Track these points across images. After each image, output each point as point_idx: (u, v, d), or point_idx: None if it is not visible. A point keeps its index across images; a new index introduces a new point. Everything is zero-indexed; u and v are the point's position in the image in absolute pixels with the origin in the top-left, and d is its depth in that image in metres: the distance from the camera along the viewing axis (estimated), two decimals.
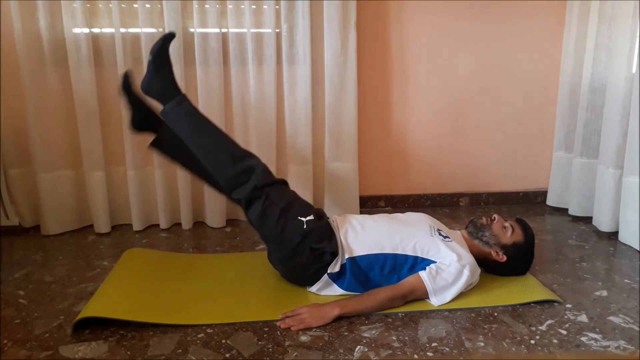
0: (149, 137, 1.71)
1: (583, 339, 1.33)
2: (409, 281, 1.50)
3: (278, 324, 1.39)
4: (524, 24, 2.41)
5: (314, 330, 1.37)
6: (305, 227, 1.52)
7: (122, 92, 1.70)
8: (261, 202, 1.54)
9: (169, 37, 1.60)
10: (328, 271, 1.52)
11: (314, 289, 1.56)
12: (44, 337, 1.33)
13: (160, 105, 1.64)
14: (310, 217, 1.55)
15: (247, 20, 2.13)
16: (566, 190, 2.45)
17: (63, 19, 2.02)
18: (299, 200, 1.64)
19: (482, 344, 1.31)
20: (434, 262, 1.52)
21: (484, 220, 1.67)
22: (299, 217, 1.54)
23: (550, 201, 2.55)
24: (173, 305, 1.49)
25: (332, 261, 1.51)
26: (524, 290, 1.58)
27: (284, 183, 1.66)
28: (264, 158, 1.70)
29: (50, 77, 2.06)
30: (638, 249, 1.95)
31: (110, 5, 2.04)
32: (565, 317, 1.45)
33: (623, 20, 2.01)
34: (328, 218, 1.66)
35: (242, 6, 2.13)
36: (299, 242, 1.50)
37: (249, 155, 1.64)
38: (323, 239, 1.53)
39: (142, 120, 1.73)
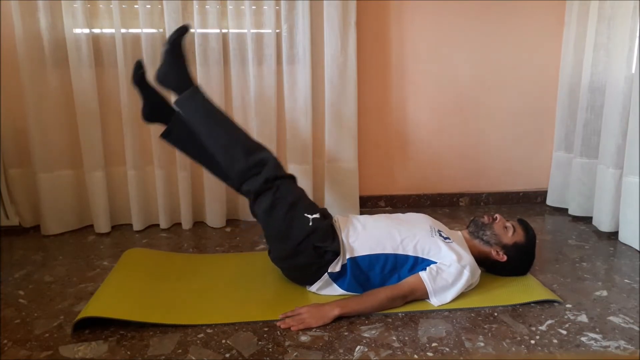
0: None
1: (583, 339, 1.33)
2: (409, 281, 1.50)
3: (278, 324, 1.39)
4: (524, 24, 2.42)
5: (314, 330, 1.37)
6: (311, 224, 1.52)
7: (134, 82, 1.71)
8: (271, 195, 1.54)
9: (184, 29, 1.62)
10: (329, 270, 1.52)
11: (314, 288, 1.56)
12: (44, 337, 1.34)
13: (175, 95, 1.65)
14: (316, 216, 1.56)
15: (247, 21, 2.13)
16: (566, 190, 2.45)
17: (63, 19, 2.02)
18: (306, 198, 1.66)
19: (482, 344, 1.31)
20: (435, 262, 1.52)
21: (485, 219, 1.67)
22: (306, 214, 1.55)
23: (550, 201, 2.55)
24: (173, 305, 1.49)
25: (333, 260, 1.51)
26: (524, 290, 1.58)
27: (293, 178, 1.67)
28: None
29: (51, 77, 2.07)
30: (638, 249, 1.95)
31: (111, 6, 2.05)
32: (565, 317, 1.45)
33: (622, 20, 2.01)
34: (332, 218, 1.66)
35: (242, 6, 2.13)
36: (303, 239, 1.51)
37: (261, 148, 1.65)
38: (326, 238, 1.53)
39: (154, 110, 1.74)
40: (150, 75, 1.72)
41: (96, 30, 2.09)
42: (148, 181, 2.23)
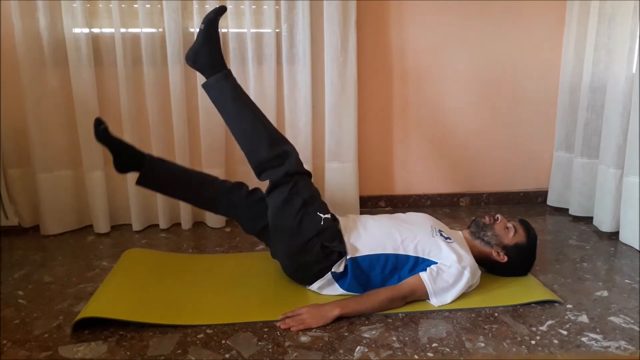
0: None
1: (584, 339, 1.33)
2: (409, 282, 1.50)
3: (278, 324, 1.39)
4: (524, 24, 2.41)
5: (314, 330, 1.36)
6: (322, 223, 1.53)
7: (97, 139, 1.64)
8: (288, 188, 1.55)
9: (222, 9, 1.61)
10: (332, 270, 1.52)
11: (314, 287, 1.56)
12: (44, 338, 1.33)
13: (203, 76, 1.64)
14: (328, 216, 1.57)
15: (247, 20, 2.13)
16: (567, 190, 2.45)
17: (63, 19, 2.02)
18: (320, 198, 1.66)
19: (482, 345, 1.31)
20: (435, 262, 1.52)
21: (486, 219, 1.66)
22: (319, 213, 1.55)
23: (551, 201, 2.54)
24: (173, 306, 1.48)
25: (337, 261, 1.51)
26: (525, 290, 1.58)
27: (310, 176, 1.68)
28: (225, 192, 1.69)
29: (50, 77, 2.06)
30: (639, 249, 1.94)
31: (110, 5, 2.04)
32: (566, 317, 1.44)
33: (623, 20, 2.01)
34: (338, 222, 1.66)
35: (242, 6, 2.13)
36: (312, 237, 1.51)
37: (285, 140, 1.66)
38: (334, 238, 1.53)
39: (125, 161, 1.67)
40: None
41: (96, 30, 2.09)
42: None
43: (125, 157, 1.67)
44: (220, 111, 1.66)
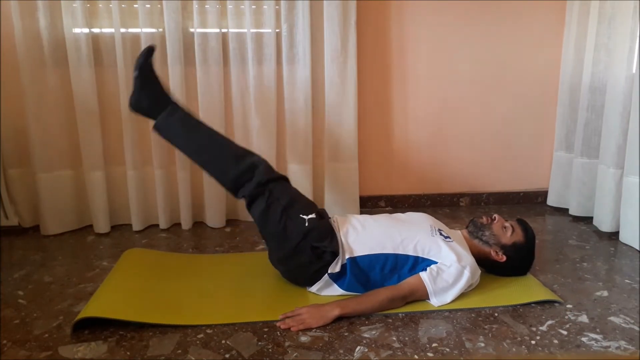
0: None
1: (583, 339, 1.33)
2: (409, 282, 1.50)
3: (278, 324, 1.39)
4: (524, 24, 2.41)
5: (314, 330, 1.36)
6: (307, 225, 1.52)
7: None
8: (265, 199, 1.54)
9: (150, 51, 1.60)
10: (329, 271, 1.52)
11: (314, 289, 1.56)
12: (44, 338, 1.33)
13: (152, 120, 1.63)
14: (312, 216, 1.55)
15: (247, 20, 2.13)
16: (566, 190, 2.45)
17: (63, 19, 2.02)
18: (301, 198, 1.65)
19: (482, 345, 1.31)
20: (435, 262, 1.52)
21: (484, 219, 1.67)
22: (301, 215, 1.54)
23: (551, 201, 2.54)
24: (173, 306, 1.49)
25: (332, 261, 1.51)
26: (525, 290, 1.58)
27: (286, 180, 1.66)
28: (264, 157, 1.70)
29: (50, 77, 2.06)
30: (638, 249, 1.94)
31: (110, 5, 2.04)
32: (566, 317, 1.44)
33: (623, 20, 2.01)
34: (329, 218, 1.66)
35: (242, 6, 2.13)
36: (300, 240, 1.50)
37: (249, 153, 1.64)
38: (324, 238, 1.52)
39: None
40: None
41: (96, 30, 2.09)
42: (147, 181, 2.22)
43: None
44: (178, 146, 1.65)
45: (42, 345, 1.30)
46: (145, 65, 1.60)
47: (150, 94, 1.61)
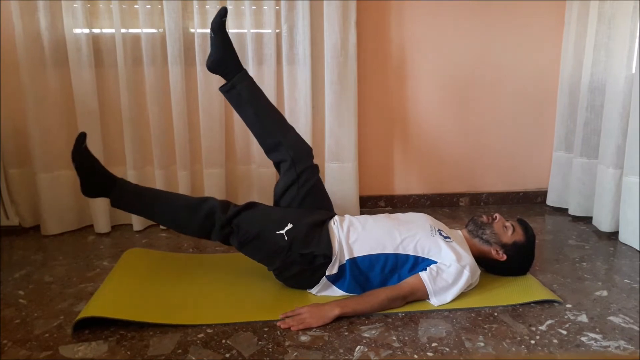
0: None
1: (583, 339, 1.33)
2: (409, 282, 1.50)
3: (278, 324, 1.39)
4: (524, 24, 2.42)
5: (314, 330, 1.37)
6: (286, 238, 1.51)
7: (213, 28, 1.63)
8: (235, 237, 1.55)
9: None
10: (326, 273, 1.52)
11: (314, 290, 1.56)
12: (44, 337, 1.33)
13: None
14: (289, 227, 1.53)
15: (247, 21, 2.13)
16: (566, 190, 2.45)
17: (63, 19, 2.02)
18: (271, 215, 1.59)
19: (482, 344, 1.31)
20: (435, 262, 1.52)
21: (484, 218, 1.67)
22: (277, 232, 1.52)
23: (550, 201, 2.55)
24: (173, 305, 1.49)
25: (326, 263, 1.51)
26: (524, 290, 1.58)
27: (248, 206, 1.59)
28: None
29: (51, 77, 2.06)
30: (638, 249, 1.94)
31: (111, 6, 2.04)
32: (566, 317, 1.45)
33: (622, 20, 2.01)
34: (330, 218, 1.65)
35: (242, 6, 2.13)
36: (286, 253, 1.50)
37: (202, 200, 1.61)
38: (309, 242, 1.51)
39: (222, 61, 1.68)
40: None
41: (96, 30, 2.09)
42: (148, 181, 2.22)
43: (228, 55, 1.67)
44: (140, 216, 1.69)
45: (43, 345, 1.30)
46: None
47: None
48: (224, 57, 1.65)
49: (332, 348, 1.28)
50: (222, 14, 1.62)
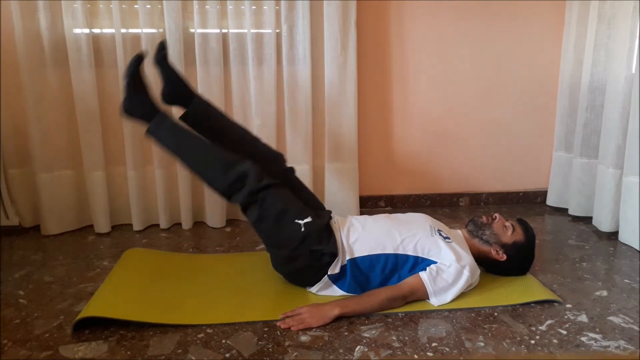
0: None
1: (583, 339, 1.33)
2: (409, 282, 1.50)
3: (278, 324, 1.39)
4: (524, 24, 2.42)
5: (314, 330, 1.37)
6: (303, 229, 1.51)
7: (155, 62, 1.69)
8: (257, 207, 1.52)
9: (139, 58, 1.62)
10: (328, 272, 1.52)
11: (314, 289, 1.56)
12: (44, 337, 1.34)
13: (144, 125, 1.65)
14: (308, 219, 1.53)
15: (247, 21, 2.13)
16: (566, 190, 2.45)
17: (64, 19, 2.02)
18: (295, 203, 1.60)
19: (482, 344, 1.31)
20: (435, 262, 1.52)
21: (484, 218, 1.67)
22: (297, 221, 1.52)
23: (550, 201, 2.55)
24: (173, 305, 1.49)
25: (331, 262, 1.51)
26: (524, 290, 1.58)
27: (279, 185, 1.60)
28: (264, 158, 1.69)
29: (51, 77, 2.07)
30: (638, 249, 1.94)
31: (111, 6, 2.04)
32: (565, 317, 1.45)
33: (622, 20, 2.01)
34: (331, 218, 1.65)
35: (242, 7, 2.13)
36: (298, 245, 1.50)
37: (239, 160, 1.59)
38: (321, 240, 1.52)
39: (174, 91, 1.72)
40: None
41: (96, 31, 2.09)
42: (148, 181, 2.23)
43: (175, 87, 1.71)
44: (170, 153, 1.66)
45: (43, 344, 1.30)
46: (135, 72, 1.62)
47: (142, 101, 1.64)
48: (174, 89, 1.70)
49: (332, 348, 1.28)
50: (160, 48, 1.68)
